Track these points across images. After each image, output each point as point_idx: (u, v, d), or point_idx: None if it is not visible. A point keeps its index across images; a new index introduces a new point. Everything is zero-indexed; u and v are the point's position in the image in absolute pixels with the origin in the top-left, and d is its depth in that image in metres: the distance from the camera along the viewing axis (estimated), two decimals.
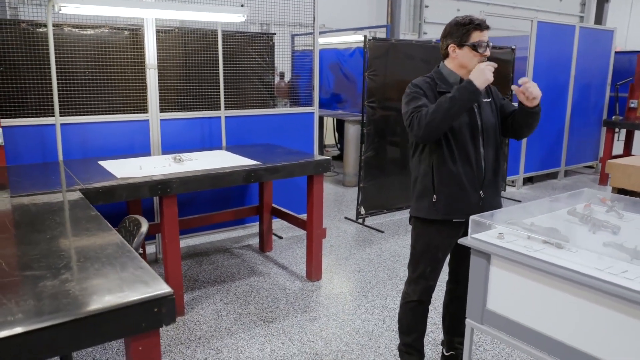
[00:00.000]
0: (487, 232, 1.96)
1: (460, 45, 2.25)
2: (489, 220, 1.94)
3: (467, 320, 2.00)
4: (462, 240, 1.95)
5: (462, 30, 2.23)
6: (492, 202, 2.33)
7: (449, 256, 2.54)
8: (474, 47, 2.22)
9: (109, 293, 1.46)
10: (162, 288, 1.48)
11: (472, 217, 1.95)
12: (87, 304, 1.38)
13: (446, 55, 2.34)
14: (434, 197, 2.32)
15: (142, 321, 1.43)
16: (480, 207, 2.26)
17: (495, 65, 2.21)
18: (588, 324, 1.61)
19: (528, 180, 7.31)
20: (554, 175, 7.63)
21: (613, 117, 7.52)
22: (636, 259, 1.65)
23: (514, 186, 6.99)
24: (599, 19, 13.67)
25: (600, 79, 7.70)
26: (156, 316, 1.44)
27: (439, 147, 2.29)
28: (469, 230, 1.95)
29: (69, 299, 1.41)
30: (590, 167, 8.27)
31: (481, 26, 2.22)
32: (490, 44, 2.27)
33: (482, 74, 2.13)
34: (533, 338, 1.78)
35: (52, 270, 1.61)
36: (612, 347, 1.55)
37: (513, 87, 2.25)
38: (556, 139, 7.33)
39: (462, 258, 2.42)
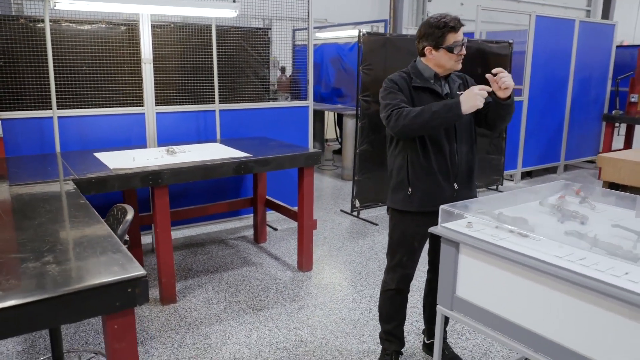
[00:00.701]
0: (457, 221, 2.02)
1: (437, 47, 2.30)
2: (458, 210, 2.00)
3: (438, 307, 2.07)
4: (432, 229, 2.01)
5: (437, 34, 2.27)
6: (466, 195, 2.39)
7: (428, 246, 2.61)
8: (450, 50, 2.27)
9: (86, 274, 1.54)
10: (137, 270, 1.56)
11: (442, 207, 2.01)
12: (64, 284, 1.46)
13: (423, 55, 2.39)
14: (409, 189, 2.39)
15: (117, 300, 1.51)
16: (455, 199, 2.32)
17: (490, 89, 2.24)
18: (548, 310, 1.68)
19: (527, 175, 7.33)
20: (553, 170, 7.65)
21: (613, 112, 7.53)
22: (595, 247, 1.71)
23: (512, 180, 7.02)
24: (606, 13, 13.59)
25: (601, 73, 7.69)
26: (130, 296, 1.52)
27: (412, 142, 2.35)
28: (439, 219, 2.01)
29: (47, 279, 1.50)
30: (591, 161, 8.28)
31: (455, 28, 2.26)
32: (465, 41, 2.32)
33: (473, 100, 2.14)
34: (498, 324, 1.84)
35: (35, 254, 1.70)
36: (570, 332, 1.61)
37: (487, 75, 2.28)
38: (555, 133, 7.34)
39: (440, 248, 2.48)
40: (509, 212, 2.09)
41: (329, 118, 9.20)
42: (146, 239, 4.36)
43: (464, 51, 2.30)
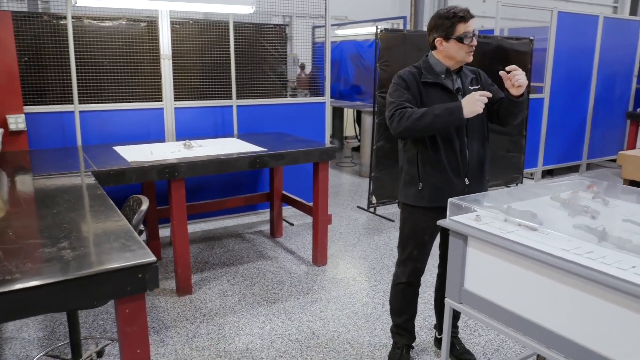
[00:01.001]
0: (466, 214, 2.02)
1: (447, 38, 2.30)
2: (466, 203, 2.00)
3: (446, 300, 2.08)
4: (440, 222, 2.02)
5: (447, 24, 2.28)
6: (478, 190, 2.38)
7: (439, 241, 2.62)
8: (460, 40, 2.27)
9: (99, 259, 1.60)
10: (147, 257, 1.61)
11: (450, 200, 2.02)
12: (77, 268, 1.52)
13: (434, 47, 2.39)
14: (420, 185, 2.40)
15: (127, 285, 1.56)
16: (465, 194, 2.32)
17: (490, 95, 2.24)
18: (554, 303, 1.67)
19: (548, 173, 7.23)
20: (575, 169, 7.53)
21: (638, 109, 7.37)
22: (604, 241, 1.70)
23: (532, 179, 6.94)
24: (634, 9, 13.29)
25: (626, 71, 7.54)
26: (140, 281, 1.57)
27: (422, 139, 2.36)
28: (447, 212, 2.02)
29: (62, 263, 1.56)
30: (615, 160, 8.10)
31: (465, 18, 2.27)
32: (477, 33, 2.32)
33: (474, 105, 2.16)
34: (505, 317, 1.84)
35: (52, 240, 1.76)
36: (576, 325, 1.61)
37: (501, 72, 2.28)
38: (578, 131, 7.22)
39: None
40: (519, 206, 2.08)
41: (348, 115, 9.20)
42: (165, 232, 4.44)
43: (474, 42, 2.29)
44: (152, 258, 1.60)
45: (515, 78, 2.21)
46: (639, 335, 1.44)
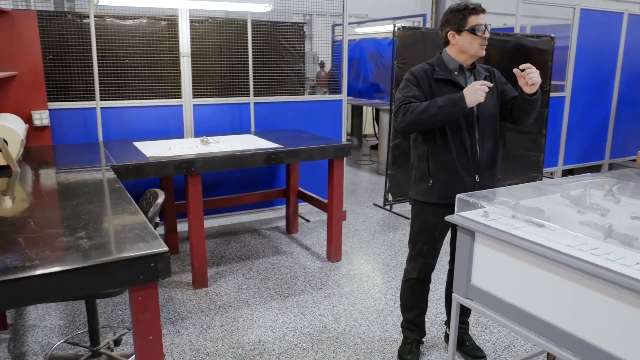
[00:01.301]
0: (474, 210, 2.04)
1: (459, 31, 2.31)
2: (474, 199, 2.02)
3: (454, 295, 2.09)
4: (448, 218, 2.04)
5: (458, 17, 2.30)
6: (488, 187, 2.39)
7: (450, 237, 2.63)
8: (472, 31, 2.28)
9: (114, 248, 1.66)
10: (160, 247, 1.67)
11: (458, 196, 2.03)
12: (92, 256, 1.58)
13: (447, 43, 2.40)
14: (430, 181, 2.42)
15: (141, 273, 1.62)
16: (476, 190, 2.33)
17: (491, 85, 2.26)
18: (558, 298, 1.68)
19: (568, 173, 7.13)
20: (597, 168, 7.40)
21: None
22: (610, 238, 1.70)
23: (552, 178, 6.85)
24: None
25: None
26: (153, 270, 1.63)
27: (433, 136, 2.38)
28: (455, 208, 2.04)
29: (79, 251, 1.63)
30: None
31: (477, 10, 2.28)
32: (489, 27, 2.33)
33: (475, 94, 2.19)
34: (511, 312, 1.86)
35: (70, 230, 1.84)
36: (579, 320, 1.61)
37: (515, 70, 2.29)
38: (600, 130, 7.11)
39: None
40: (528, 203, 2.09)
41: (367, 114, 9.21)
42: (184, 227, 4.53)
43: (487, 35, 2.30)
44: (164, 248, 1.66)
45: (529, 76, 2.22)
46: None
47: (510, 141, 5.93)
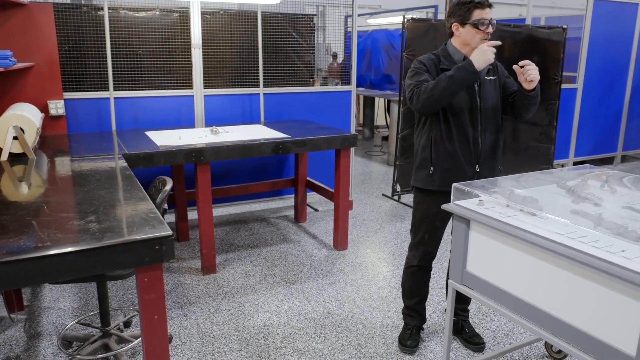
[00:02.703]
0: (470, 199, 2.09)
1: (463, 23, 2.35)
2: (469, 188, 2.07)
3: (449, 281, 2.16)
4: (445, 206, 2.10)
5: (463, 9, 2.34)
6: (489, 177, 2.44)
7: (451, 226, 2.68)
8: (476, 25, 2.33)
9: (121, 231, 1.75)
10: (164, 230, 1.75)
11: (455, 185, 2.09)
12: (100, 239, 1.68)
13: (451, 34, 2.45)
14: (431, 169, 2.47)
15: (146, 255, 1.71)
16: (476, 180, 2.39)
17: (499, 43, 2.31)
18: (547, 284, 1.73)
19: (579, 165, 7.09)
20: (609, 161, 7.36)
21: None
22: (599, 226, 1.74)
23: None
24: None
25: None
26: (157, 252, 1.72)
27: (438, 125, 2.43)
28: (452, 197, 2.09)
29: (88, 234, 1.72)
30: None
31: (482, 4, 2.32)
32: (494, 22, 2.36)
33: (484, 55, 2.24)
34: (504, 298, 1.91)
35: (81, 214, 1.93)
36: (567, 306, 1.66)
37: (514, 66, 2.34)
38: (613, 123, 7.05)
39: None
40: (523, 193, 2.14)
41: (379, 105, 9.24)
42: (195, 215, 4.64)
43: (490, 29, 2.34)
44: (168, 232, 1.74)
45: (528, 73, 2.27)
46: (624, 316, 1.49)
47: (521, 133, 5.93)
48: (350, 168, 3.94)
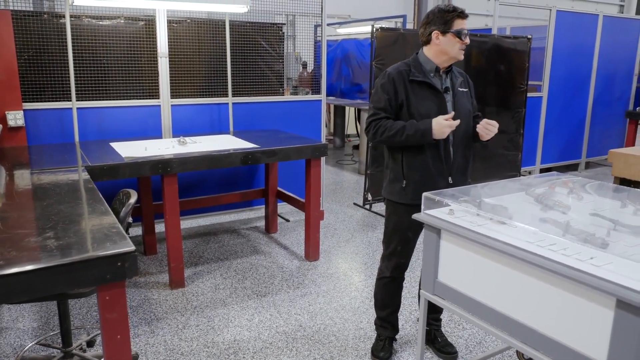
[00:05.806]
0: (441, 208, 2.08)
1: (444, 32, 2.36)
2: (439, 197, 2.06)
3: (421, 291, 2.14)
4: (415, 216, 2.08)
5: (446, 18, 2.35)
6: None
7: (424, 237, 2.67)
8: (458, 34, 2.34)
9: (81, 248, 1.67)
10: (127, 246, 1.68)
11: (425, 194, 2.08)
12: (58, 256, 1.59)
13: (427, 42, 2.44)
14: (404, 182, 2.46)
15: (107, 273, 1.63)
16: None
17: (458, 123, 2.37)
18: (516, 292, 1.73)
19: (546, 171, 7.24)
20: (574, 167, 7.54)
21: (637, 109, 7.37)
22: (567, 234, 1.75)
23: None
24: None
25: (626, 70, 7.54)
26: (119, 269, 1.65)
27: None
28: (422, 206, 2.08)
29: (45, 252, 1.64)
30: None
31: (463, 14, 2.36)
32: (467, 32, 2.39)
33: (442, 131, 2.32)
34: (474, 307, 1.90)
35: (39, 230, 1.84)
36: (537, 314, 1.66)
37: (478, 127, 2.45)
38: (577, 130, 7.24)
39: None
40: (493, 201, 2.14)
41: (350, 114, 9.26)
42: (162, 228, 4.53)
43: (467, 41, 2.36)
44: (131, 247, 1.68)
45: (487, 133, 2.43)
46: (594, 323, 1.49)
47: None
48: (321, 177, 3.91)
